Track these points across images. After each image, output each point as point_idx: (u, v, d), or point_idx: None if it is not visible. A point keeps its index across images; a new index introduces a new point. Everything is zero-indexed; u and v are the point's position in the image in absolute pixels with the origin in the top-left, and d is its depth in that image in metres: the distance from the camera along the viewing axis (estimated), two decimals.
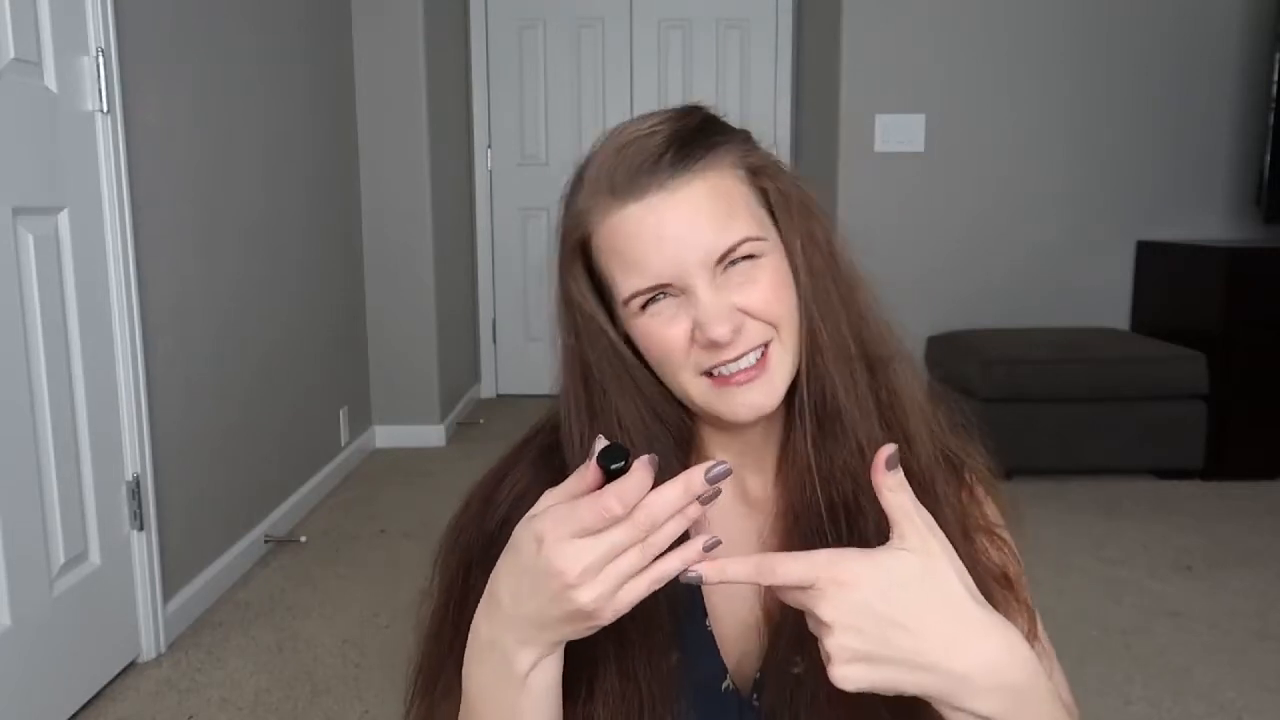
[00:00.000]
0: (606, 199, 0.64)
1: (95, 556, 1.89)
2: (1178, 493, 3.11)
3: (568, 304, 0.69)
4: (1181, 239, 3.56)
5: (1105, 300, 3.70)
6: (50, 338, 1.74)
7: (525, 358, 4.48)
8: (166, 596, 2.10)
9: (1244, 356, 3.16)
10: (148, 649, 2.04)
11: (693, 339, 0.64)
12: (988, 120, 3.61)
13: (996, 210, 3.66)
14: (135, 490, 2.00)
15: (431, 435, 3.72)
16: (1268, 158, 3.36)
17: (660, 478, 0.60)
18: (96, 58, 1.86)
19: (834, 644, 0.52)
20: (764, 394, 0.66)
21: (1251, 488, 3.13)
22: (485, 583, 0.61)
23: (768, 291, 0.65)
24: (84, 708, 1.84)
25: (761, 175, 0.68)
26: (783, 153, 0.69)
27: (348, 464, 3.36)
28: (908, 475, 0.65)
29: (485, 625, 0.59)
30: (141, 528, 2.01)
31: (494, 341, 4.55)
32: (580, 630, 0.56)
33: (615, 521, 0.52)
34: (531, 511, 0.56)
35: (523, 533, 0.56)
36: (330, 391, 3.24)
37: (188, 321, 2.24)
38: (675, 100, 4.28)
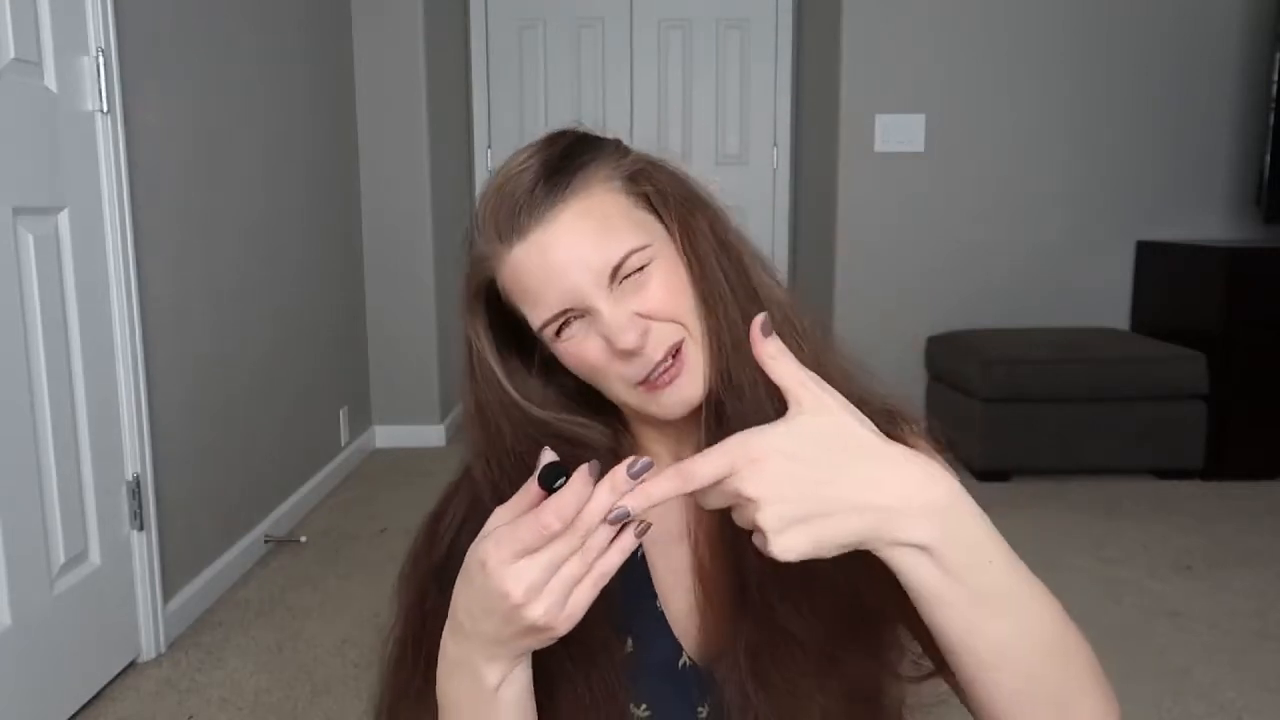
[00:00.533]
0: (496, 244, 0.67)
1: (95, 556, 1.89)
2: (1178, 493, 3.11)
3: (467, 347, 0.75)
4: (1181, 239, 3.56)
5: (1105, 300, 3.70)
6: (50, 338, 1.74)
7: None
8: (166, 596, 2.10)
9: (1244, 356, 3.16)
10: (148, 649, 2.04)
11: (609, 354, 0.66)
12: (988, 120, 3.61)
13: (996, 210, 3.66)
14: (135, 490, 2.00)
15: (431, 435, 3.72)
16: (1268, 158, 3.36)
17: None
18: (96, 58, 1.86)
19: (766, 517, 0.52)
20: (689, 387, 0.67)
21: (1251, 488, 3.13)
22: (443, 605, 0.62)
23: (662, 292, 0.66)
24: (84, 708, 1.84)
25: (639, 180, 0.69)
26: (783, 153, 0.68)
27: (348, 464, 3.36)
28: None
29: (452, 645, 0.61)
30: (141, 528, 2.01)
31: None
32: (542, 641, 0.58)
33: (555, 537, 0.53)
34: (482, 532, 0.57)
35: (471, 557, 0.57)
36: (330, 391, 3.24)
37: (188, 321, 2.24)
38: (675, 101, 4.30)
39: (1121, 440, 3.16)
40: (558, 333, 0.67)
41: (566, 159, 0.67)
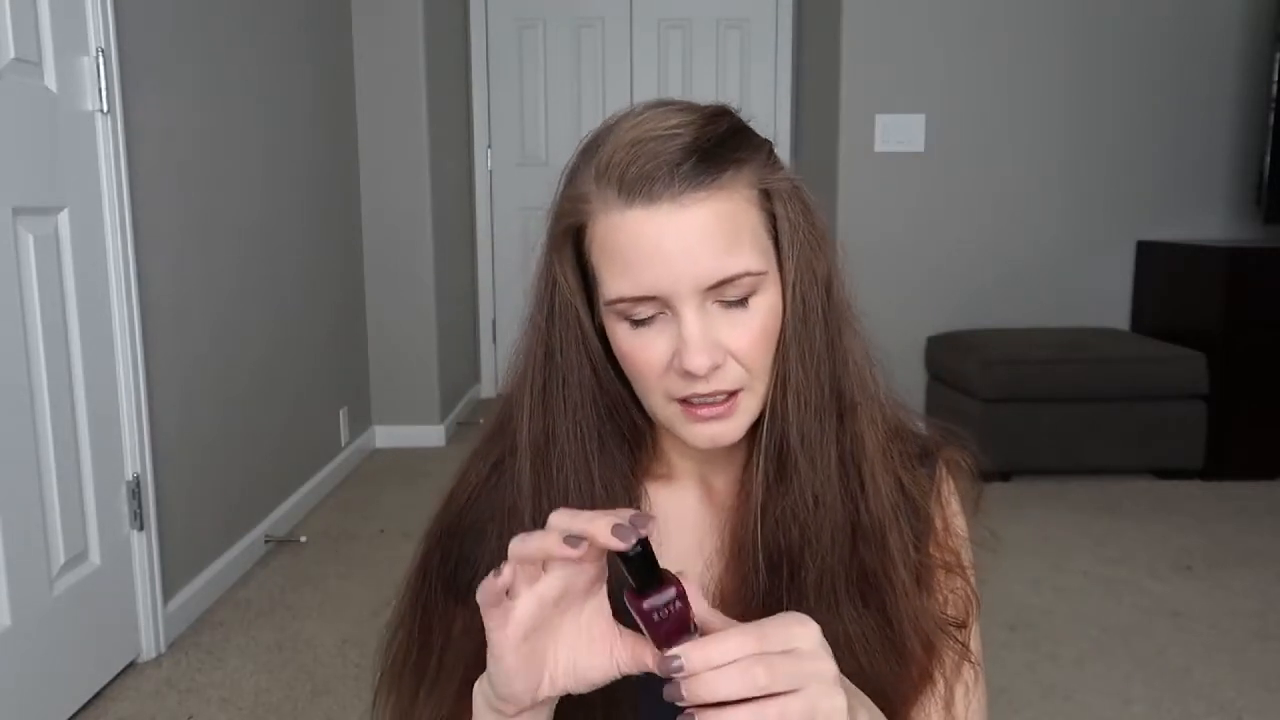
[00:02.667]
0: (611, 194, 0.60)
1: (95, 556, 1.89)
2: (1178, 493, 3.11)
3: (548, 283, 0.66)
4: (1181, 239, 3.56)
5: (1105, 300, 3.70)
6: (50, 338, 1.74)
7: None
8: (166, 596, 2.10)
9: (1244, 356, 3.16)
10: (148, 649, 2.04)
11: (670, 364, 0.62)
12: (988, 120, 3.61)
13: (996, 210, 3.66)
14: (135, 490, 2.00)
15: (431, 435, 3.72)
16: (1268, 158, 3.36)
17: (609, 479, 0.65)
18: (96, 58, 1.86)
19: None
20: (727, 431, 0.64)
21: (1251, 488, 3.13)
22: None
23: (756, 336, 0.62)
24: (84, 708, 1.84)
25: (775, 199, 0.63)
26: (782, 153, 0.67)
27: (348, 464, 3.36)
28: (855, 529, 0.66)
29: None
30: (141, 527, 2.01)
31: (494, 341, 4.55)
32: (493, 661, 0.53)
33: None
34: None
35: None
36: (330, 391, 3.24)
37: (188, 321, 2.24)
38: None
39: (1121, 440, 3.17)
40: (628, 315, 0.62)
41: (723, 147, 0.61)
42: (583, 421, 0.66)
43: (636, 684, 0.64)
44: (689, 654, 0.48)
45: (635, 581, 0.50)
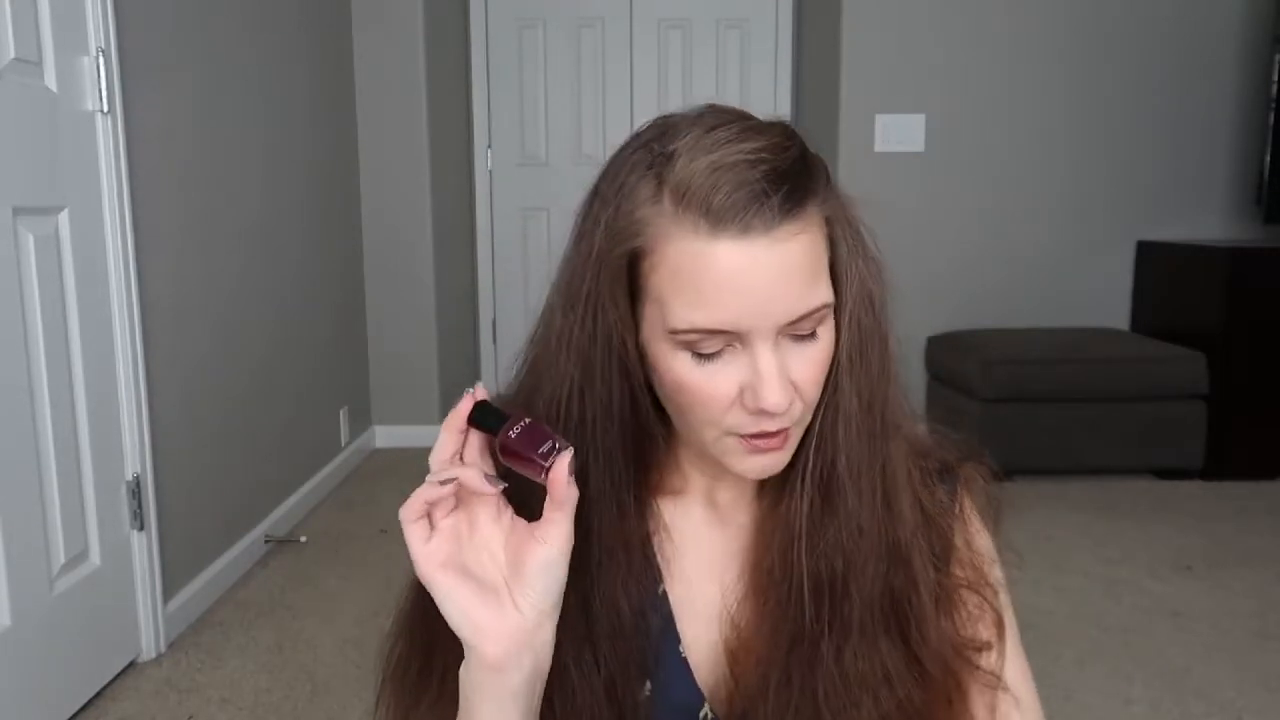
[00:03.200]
0: (690, 220, 0.57)
1: (95, 556, 1.89)
2: (1178, 493, 3.11)
3: (592, 305, 0.62)
4: (1181, 239, 3.56)
5: (1105, 300, 3.70)
6: (50, 338, 1.74)
7: None
8: (166, 596, 2.10)
9: (1244, 356, 3.16)
10: (148, 649, 2.04)
11: (736, 399, 0.59)
12: (988, 120, 3.61)
13: (996, 210, 3.66)
14: (135, 490, 2.00)
15: (431, 435, 3.64)
16: (1268, 158, 3.36)
17: (625, 500, 0.65)
18: (96, 58, 1.86)
19: None
20: (778, 462, 0.63)
21: (1251, 488, 3.13)
22: None
23: (820, 368, 0.61)
24: (84, 708, 1.84)
25: (834, 224, 0.62)
26: None
27: (348, 464, 3.36)
28: (888, 556, 0.65)
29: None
30: (141, 527, 2.01)
31: (494, 341, 4.55)
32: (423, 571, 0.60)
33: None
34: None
35: None
36: (330, 391, 3.24)
37: (188, 321, 2.24)
38: (675, 101, 4.28)
39: (1121, 440, 3.17)
40: (693, 347, 0.59)
41: (803, 175, 0.59)
42: (614, 450, 0.64)
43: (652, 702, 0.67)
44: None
45: (491, 428, 0.60)
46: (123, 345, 1.95)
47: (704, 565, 0.70)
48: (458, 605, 0.58)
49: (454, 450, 0.61)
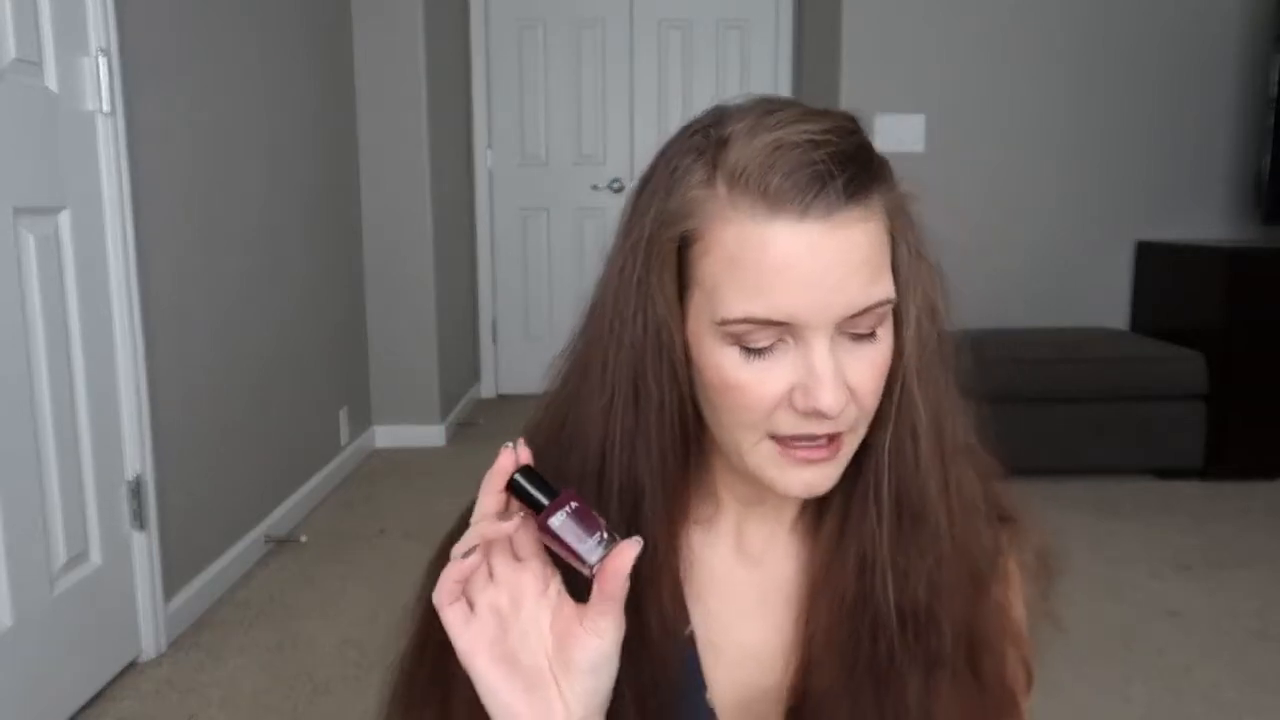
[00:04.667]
0: (747, 201, 0.53)
1: (96, 556, 1.89)
2: (1177, 493, 3.11)
3: (642, 297, 0.57)
4: (1181, 239, 3.56)
5: (1105, 300, 3.70)
6: (51, 338, 1.74)
7: (525, 358, 4.48)
8: (167, 596, 2.10)
9: (1244, 356, 3.16)
10: (148, 649, 2.04)
11: (788, 399, 0.55)
12: (988, 120, 3.61)
13: (996, 210, 3.66)
14: (135, 490, 2.00)
15: (431, 435, 3.72)
16: (1268, 158, 3.36)
17: (658, 519, 0.59)
18: (97, 58, 1.86)
19: None
20: (825, 478, 0.57)
21: (1251, 488, 3.13)
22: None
23: (879, 372, 0.56)
24: (84, 707, 1.84)
25: (897, 220, 0.58)
26: None
27: (348, 464, 3.36)
28: (972, 580, 0.62)
29: None
30: (142, 527, 2.01)
31: (494, 341, 4.55)
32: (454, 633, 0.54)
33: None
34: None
35: None
36: (330, 392, 3.24)
37: (188, 321, 2.24)
38: (675, 101, 4.28)
39: (1121, 440, 3.17)
40: (742, 340, 0.54)
41: (868, 162, 0.55)
42: (668, 460, 0.59)
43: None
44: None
45: (535, 506, 0.52)
46: (123, 345, 1.95)
47: (731, 606, 0.65)
48: (501, 701, 0.53)
49: (495, 511, 0.54)
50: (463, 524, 0.65)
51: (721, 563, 0.66)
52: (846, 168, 0.53)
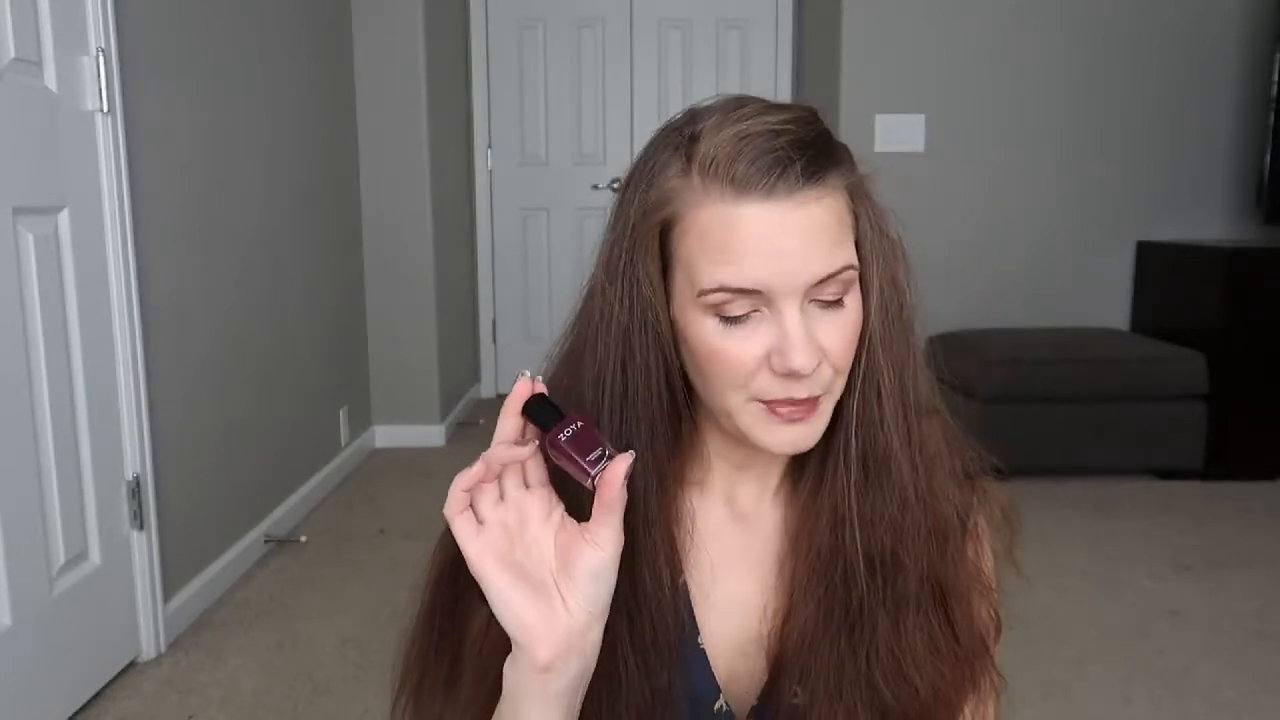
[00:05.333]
0: (717, 187, 0.59)
1: (95, 556, 1.89)
2: (1177, 493, 3.11)
3: (629, 280, 0.64)
4: (1181, 239, 3.56)
5: (1105, 300, 3.70)
6: (50, 337, 1.74)
7: (525, 358, 4.48)
8: (166, 596, 2.10)
9: (1244, 356, 3.16)
10: (148, 649, 2.04)
11: (761, 363, 0.61)
12: (988, 120, 3.61)
13: (997, 210, 3.66)
14: (135, 490, 2.00)
15: (431, 435, 3.72)
16: (1268, 158, 3.36)
17: (650, 476, 0.65)
18: (97, 58, 1.86)
19: None
20: (808, 435, 0.63)
21: (1251, 488, 3.13)
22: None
23: (849, 335, 0.62)
24: (84, 707, 1.84)
25: (858, 199, 0.64)
26: None
27: (348, 464, 3.36)
28: (935, 535, 0.67)
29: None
30: (141, 527, 2.01)
31: (494, 341, 4.55)
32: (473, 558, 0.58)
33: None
34: None
35: None
36: (330, 391, 3.24)
37: (188, 321, 2.24)
38: (675, 101, 4.29)
39: (1121, 440, 3.16)
40: (720, 310, 0.60)
41: (826, 147, 0.61)
42: (658, 430, 0.65)
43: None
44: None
45: (544, 425, 0.58)
46: (123, 345, 1.95)
47: (722, 561, 0.71)
48: (510, 605, 0.58)
49: (513, 434, 0.60)
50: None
51: (715, 521, 0.71)
52: (805, 152, 0.59)
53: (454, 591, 0.69)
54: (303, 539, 2.70)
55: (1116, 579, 2.43)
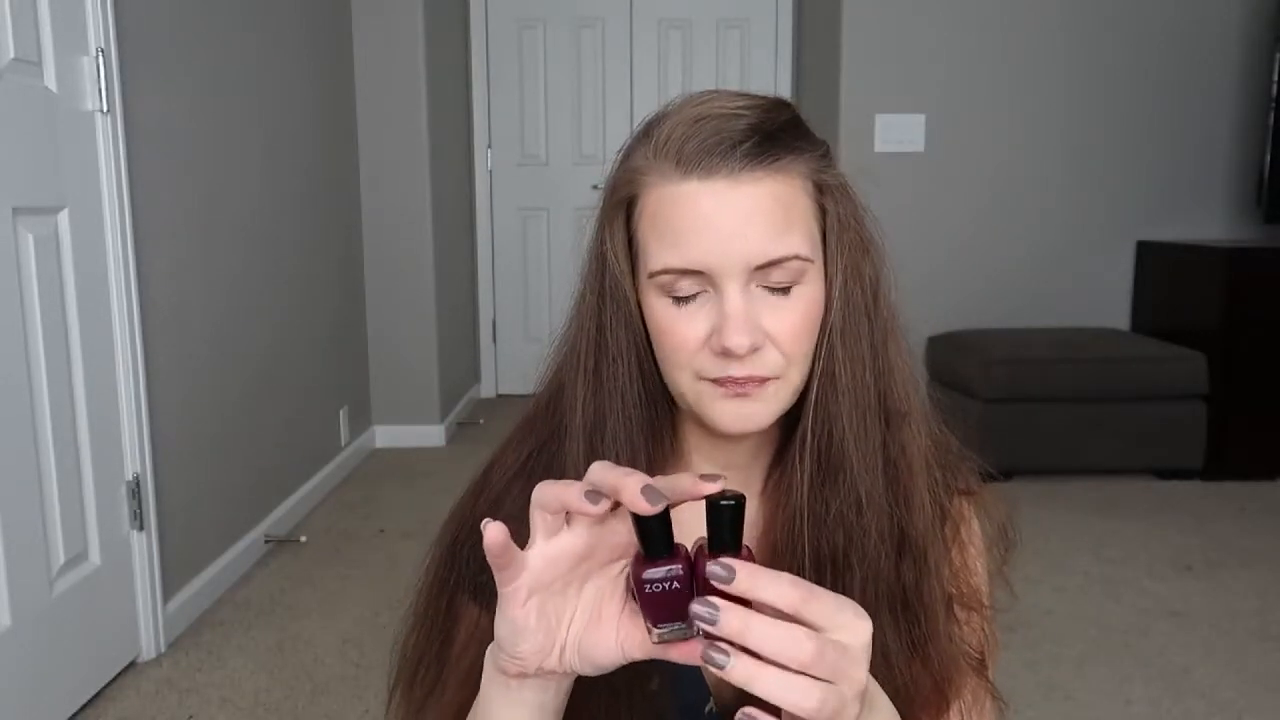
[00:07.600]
0: (668, 166, 0.60)
1: (95, 556, 1.89)
2: (1177, 493, 3.11)
3: (598, 258, 0.66)
4: (1181, 239, 3.56)
5: (1105, 300, 3.70)
6: (50, 338, 1.74)
7: (525, 358, 4.46)
8: (166, 596, 2.10)
9: (1244, 356, 3.16)
10: (148, 649, 2.04)
11: (706, 342, 0.61)
12: (988, 120, 3.61)
13: (996, 210, 3.66)
14: (135, 490, 2.00)
15: (431, 435, 3.72)
16: (1268, 158, 3.36)
17: (636, 462, 0.63)
18: (96, 57, 1.86)
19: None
20: (755, 413, 0.62)
21: (1251, 488, 3.13)
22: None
23: (797, 324, 0.61)
24: (84, 707, 1.84)
25: (826, 194, 0.64)
26: None
27: (348, 464, 3.36)
28: (898, 540, 0.65)
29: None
30: (141, 527, 2.01)
31: (494, 341, 4.55)
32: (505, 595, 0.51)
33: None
34: None
35: None
36: (330, 391, 3.24)
37: (188, 321, 2.24)
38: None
39: (1121, 440, 3.16)
40: (670, 290, 0.61)
41: (784, 133, 0.61)
42: (630, 405, 0.65)
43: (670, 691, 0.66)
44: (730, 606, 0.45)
45: (644, 547, 0.48)
46: (123, 345, 1.95)
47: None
48: (513, 627, 0.51)
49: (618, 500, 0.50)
50: (471, 498, 0.71)
51: (692, 516, 0.68)
52: (756, 135, 0.60)
53: (447, 589, 0.69)
54: (302, 539, 2.70)
55: (1117, 579, 2.43)
